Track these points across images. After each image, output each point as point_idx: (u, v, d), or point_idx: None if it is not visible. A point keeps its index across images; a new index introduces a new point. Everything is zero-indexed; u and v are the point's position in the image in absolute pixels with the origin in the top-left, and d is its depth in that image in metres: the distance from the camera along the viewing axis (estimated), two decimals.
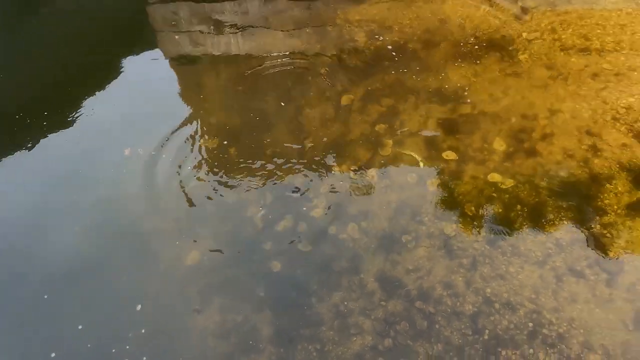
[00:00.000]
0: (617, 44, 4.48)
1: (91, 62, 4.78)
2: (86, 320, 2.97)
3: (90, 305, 3.05)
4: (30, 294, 3.11)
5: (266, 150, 3.86)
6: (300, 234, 3.34)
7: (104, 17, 5.26)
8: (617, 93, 4.07)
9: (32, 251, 3.34)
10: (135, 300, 3.06)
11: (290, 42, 4.81)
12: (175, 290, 3.12)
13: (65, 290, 3.12)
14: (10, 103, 4.36)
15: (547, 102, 4.05)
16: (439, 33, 4.76)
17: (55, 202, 3.60)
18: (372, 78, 4.38)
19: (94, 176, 3.74)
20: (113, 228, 3.44)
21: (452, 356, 2.78)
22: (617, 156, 3.63)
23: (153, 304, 3.05)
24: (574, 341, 2.79)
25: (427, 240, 3.27)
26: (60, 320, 2.99)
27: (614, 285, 2.99)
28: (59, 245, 3.34)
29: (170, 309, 3.04)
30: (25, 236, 3.43)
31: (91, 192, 3.63)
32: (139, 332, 2.92)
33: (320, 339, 2.87)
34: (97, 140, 4.00)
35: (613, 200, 3.37)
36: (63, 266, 3.23)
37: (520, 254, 3.17)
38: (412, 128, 3.95)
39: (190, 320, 2.99)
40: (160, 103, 4.31)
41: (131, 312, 3.00)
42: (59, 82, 4.57)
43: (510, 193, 3.48)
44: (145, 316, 2.99)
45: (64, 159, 3.88)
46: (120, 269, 3.22)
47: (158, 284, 3.15)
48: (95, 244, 3.34)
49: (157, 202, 3.56)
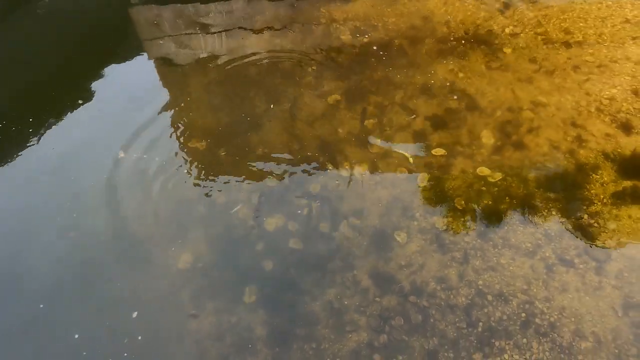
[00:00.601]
0: (599, 37, 4.56)
1: (74, 65, 4.71)
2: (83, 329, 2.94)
3: (86, 314, 3.02)
4: (26, 302, 3.06)
5: (255, 151, 3.85)
6: (292, 233, 3.33)
7: (87, 18, 5.19)
8: (600, 85, 4.14)
9: (24, 259, 3.29)
10: (129, 307, 3.03)
11: (276, 42, 4.80)
12: (167, 294, 3.09)
13: (57, 298, 3.08)
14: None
15: (532, 95, 4.10)
16: (424, 29, 4.79)
17: (39, 207, 3.54)
18: (359, 76, 4.39)
19: (79, 180, 3.69)
20: (100, 234, 3.39)
21: (448, 349, 2.80)
22: (602, 146, 3.70)
23: (146, 309, 3.02)
24: (565, 329, 2.83)
25: (419, 235, 3.29)
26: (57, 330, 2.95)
27: (603, 273, 3.04)
28: (47, 254, 3.30)
29: (163, 313, 3.01)
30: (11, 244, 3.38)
31: (76, 197, 3.58)
32: (135, 339, 2.89)
33: (316, 337, 2.88)
34: (81, 144, 3.95)
35: (599, 189, 3.43)
36: (53, 273, 3.19)
37: (511, 246, 3.21)
38: (401, 124, 3.97)
39: (185, 324, 2.97)
40: (146, 105, 4.26)
41: (127, 319, 2.97)
42: (41, 83, 4.50)
43: (499, 186, 3.52)
44: (140, 323, 2.96)
45: (49, 162, 3.82)
46: (110, 275, 3.18)
47: (150, 288, 3.12)
48: (83, 249, 3.30)
49: (145, 205, 3.52)
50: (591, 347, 2.75)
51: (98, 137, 4.00)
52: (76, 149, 3.92)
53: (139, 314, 3.00)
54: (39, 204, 3.58)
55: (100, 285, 3.14)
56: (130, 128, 4.03)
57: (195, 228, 3.39)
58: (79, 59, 4.77)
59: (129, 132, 3.99)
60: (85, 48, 4.87)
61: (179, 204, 3.54)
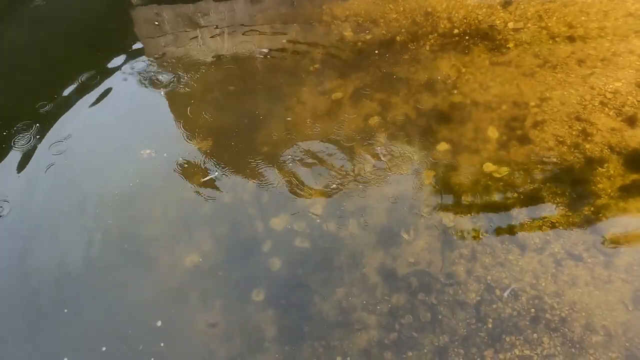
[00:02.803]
0: (602, 30, 4.54)
1: (74, 67, 4.68)
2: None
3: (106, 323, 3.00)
4: (49, 309, 3.05)
5: (260, 149, 3.83)
6: (299, 232, 3.32)
7: (88, 18, 5.16)
8: (604, 78, 4.12)
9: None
10: (136, 304, 3.01)
11: (278, 40, 4.77)
12: (175, 294, 3.08)
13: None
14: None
15: (536, 89, 4.08)
16: (426, 25, 4.76)
17: (49, 209, 3.53)
18: (362, 72, 4.37)
19: (80, 184, 3.67)
20: (112, 236, 3.38)
21: (458, 346, 2.79)
22: (608, 140, 3.68)
23: (153, 308, 3.01)
24: (576, 324, 2.82)
25: (426, 232, 3.28)
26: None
27: (612, 267, 3.03)
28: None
29: (172, 313, 3.00)
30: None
31: (83, 201, 3.56)
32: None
33: (325, 336, 2.86)
34: (86, 144, 3.93)
35: (606, 183, 3.42)
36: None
37: (519, 241, 3.19)
38: (405, 120, 3.95)
39: (194, 324, 2.95)
40: (149, 105, 4.24)
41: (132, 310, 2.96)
42: (45, 82, 4.48)
43: (505, 181, 3.50)
44: (146, 317, 2.95)
45: (51, 161, 3.80)
46: (120, 275, 3.17)
47: (157, 287, 3.10)
48: (97, 251, 3.29)
49: (152, 205, 3.51)
50: (602, 341, 2.74)
51: (101, 138, 3.98)
52: (77, 147, 3.91)
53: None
54: (44, 205, 3.56)
55: (109, 283, 3.13)
56: (133, 126, 4.01)
57: (201, 228, 3.37)
58: (79, 58, 4.73)
59: (132, 131, 3.97)
60: (85, 47, 4.84)
61: (184, 203, 3.52)
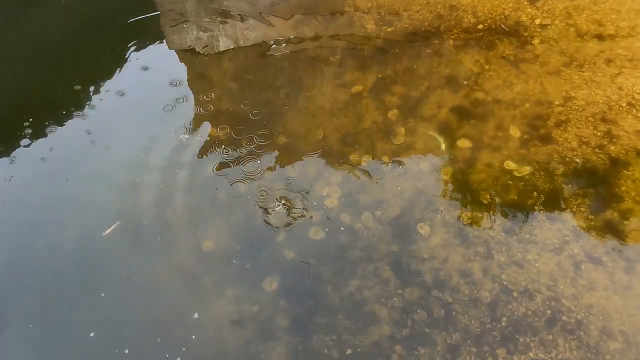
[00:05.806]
0: (632, 29, 4.41)
1: (96, 53, 4.73)
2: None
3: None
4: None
5: (277, 140, 3.83)
6: (314, 223, 3.31)
7: (110, 7, 5.20)
8: (633, 79, 4.01)
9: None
10: (150, 293, 3.06)
11: (299, 30, 4.75)
12: (190, 281, 3.11)
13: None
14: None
15: (561, 88, 3.99)
16: (450, 19, 4.69)
17: (61, 198, 3.59)
18: (383, 65, 4.33)
19: (94, 176, 3.72)
20: (124, 222, 3.42)
21: (470, 344, 2.77)
22: (634, 142, 3.59)
23: (162, 296, 3.05)
24: (592, 327, 2.77)
25: (443, 229, 3.25)
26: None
27: (633, 273, 2.97)
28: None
29: (183, 299, 3.03)
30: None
31: (99, 192, 3.62)
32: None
33: (337, 328, 2.86)
34: (104, 132, 3.98)
35: (630, 186, 3.34)
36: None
37: (537, 242, 3.14)
38: (425, 115, 3.90)
39: (207, 312, 2.98)
40: (170, 93, 4.26)
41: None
42: (67, 66, 4.54)
43: (525, 180, 3.44)
44: (157, 309, 2.99)
45: (69, 155, 3.86)
46: (134, 262, 3.21)
47: (170, 275, 3.14)
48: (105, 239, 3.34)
49: (166, 193, 3.54)
50: (620, 347, 2.69)
51: (118, 125, 4.02)
52: (97, 137, 3.95)
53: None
54: (54, 193, 3.62)
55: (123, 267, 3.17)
56: (154, 116, 4.04)
57: (216, 217, 3.40)
58: (100, 47, 4.78)
59: (152, 120, 4.01)
60: (107, 38, 4.88)
61: (199, 192, 3.54)
